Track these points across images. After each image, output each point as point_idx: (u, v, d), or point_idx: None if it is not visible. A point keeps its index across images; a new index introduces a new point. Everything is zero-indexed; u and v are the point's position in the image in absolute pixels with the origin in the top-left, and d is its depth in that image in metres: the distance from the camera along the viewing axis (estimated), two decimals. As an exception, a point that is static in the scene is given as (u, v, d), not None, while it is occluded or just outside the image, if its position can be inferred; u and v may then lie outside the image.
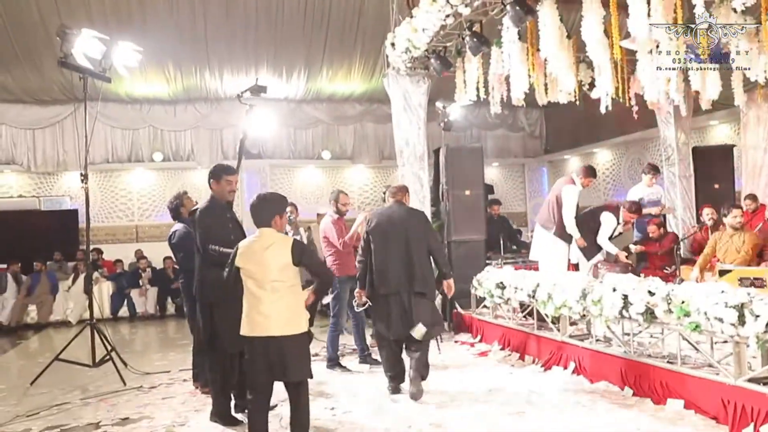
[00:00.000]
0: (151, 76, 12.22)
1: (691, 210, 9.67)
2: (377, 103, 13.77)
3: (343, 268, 6.59)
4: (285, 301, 3.83)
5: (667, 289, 4.67)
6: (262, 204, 4.00)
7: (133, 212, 13.68)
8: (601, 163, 14.13)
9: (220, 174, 4.96)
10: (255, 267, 3.86)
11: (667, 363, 4.82)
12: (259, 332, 3.82)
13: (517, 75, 7.11)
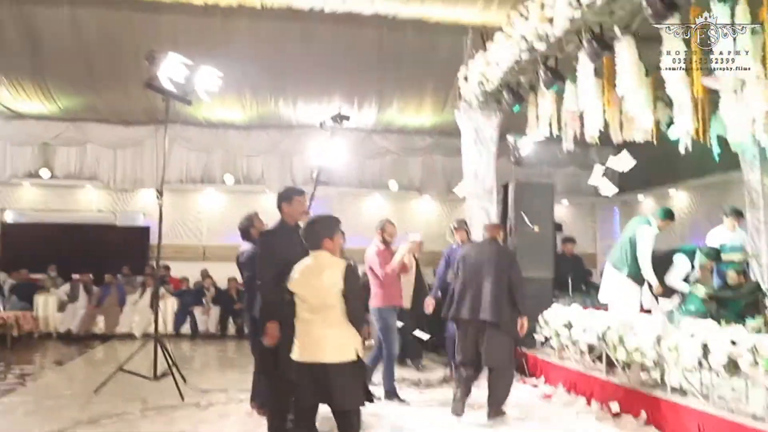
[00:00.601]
0: (229, 102, 12.55)
1: (780, 259, 9.10)
2: (447, 136, 13.67)
3: (388, 298, 6.48)
4: (336, 327, 3.69)
5: (754, 340, 4.35)
6: (312, 226, 3.92)
7: (202, 232, 13.96)
8: (677, 206, 13.56)
9: (292, 195, 4.99)
10: (307, 291, 3.75)
11: (753, 420, 4.46)
12: (307, 357, 3.70)
13: (592, 111, 6.93)
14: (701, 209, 12.95)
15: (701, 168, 11.52)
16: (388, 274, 6.45)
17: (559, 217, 12.64)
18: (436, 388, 7.19)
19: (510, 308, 5.65)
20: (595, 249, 15.26)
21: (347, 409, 3.74)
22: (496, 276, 5.65)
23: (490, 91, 8.23)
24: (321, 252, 3.81)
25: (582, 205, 15.54)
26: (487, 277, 5.67)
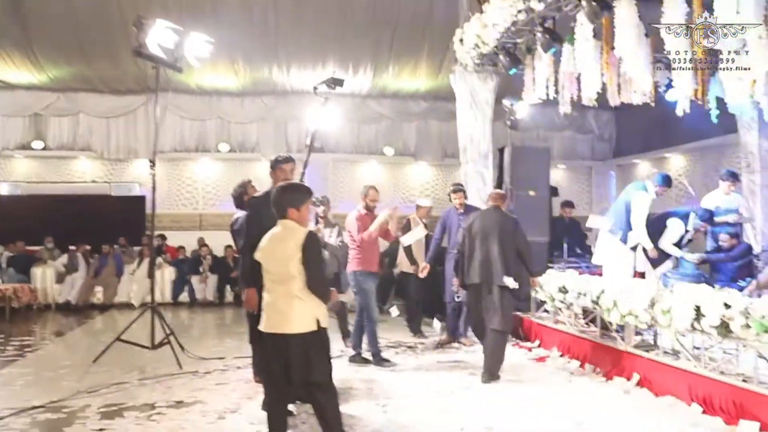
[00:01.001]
0: (221, 69, 12.41)
1: (773, 222, 9.13)
2: (442, 101, 13.59)
3: (365, 263, 6.50)
4: (298, 298, 3.55)
5: (746, 303, 4.38)
6: (279, 194, 3.74)
7: (198, 201, 13.94)
8: (674, 169, 13.54)
9: (278, 163, 5.03)
10: (270, 261, 3.65)
11: (742, 381, 4.53)
12: (271, 328, 3.61)
13: (590, 74, 6.87)
14: (698, 172, 12.91)
15: (698, 131, 11.45)
16: (364, 239, 6.45)
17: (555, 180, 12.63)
18: (432, 353, 7.25)
19: (516, 272, 5.95)
20: (590, 212, 15.24)
21: (313, 381, 3.62)
22: (503, 242, 5.95)
23: (486, 54, 8.15)
24: (286, 221, 3.67)
25: (578, 168, 15.50)
26: (494, 244, 5.95)
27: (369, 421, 4.66)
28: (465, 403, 5.13)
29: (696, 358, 5.01)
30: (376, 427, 4.50)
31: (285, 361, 3.56)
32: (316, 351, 3.58)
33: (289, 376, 3.58)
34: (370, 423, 4.60)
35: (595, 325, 6.42)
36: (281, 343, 3.56)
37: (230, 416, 4.83)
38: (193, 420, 4.72)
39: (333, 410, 3.70)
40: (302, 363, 3.54)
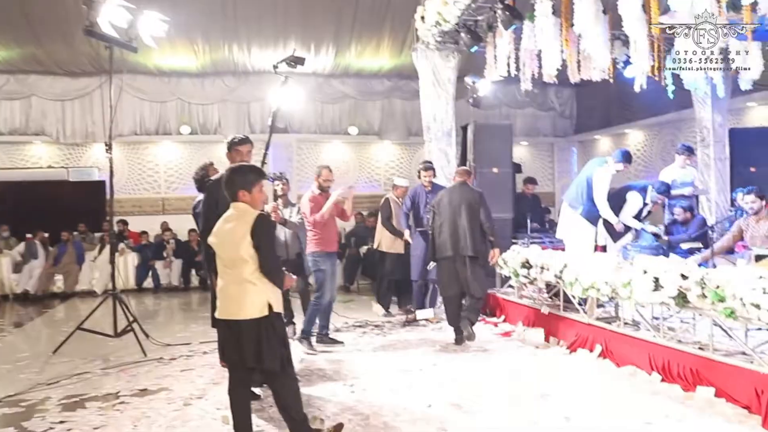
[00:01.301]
0: (179, 49, 12.14)
1: (726, 193, 9.37)
2: (405, 79, 13.57)
3: (322, 243, 6.46)
4: (249, 283, 3.47)
5: (702, 273, 4.48)
6: (229, 177, 3.63)
7: (160, 184, 13.70)
8: (633, 144, 13.77)
9: (230, 145, 4.93)
10: (221, 245, 3.57)
11: (698, 349, 4.65)
12: (225, 314, 3.54)
13: (550, 51, 6.89)
14: (655, 147, 13.15)
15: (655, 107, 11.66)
16: (317, 220, 6.39)
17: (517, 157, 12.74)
18: (399, 331, 7.29)
19: (483, 243, 6.42)
20: (553, 188, 15.45)
21: (265, 368, 3.54)
22: (470, 215, 6.37)
23: (448, 32, 8.11)
24: (237, 204, 3.57)
25: (540, 145, 15.65)
26: (462, 217, 6.38)
27: (337, 401, 4.67)
28: (432, 380, 5.17)
29: (655, 329, 5.13)
30: (344, 407, 4.51)
31: (239, 346, 3.51)
32: (268, 337, 3.50)
33: (244, 361, 3.52)
34: (338, 403, 4.61)
35: (558, 298, 6.51)
36: (234, 329, 3.51)
37: (196, 402, 4.79)
38: (158, 408, 4.66)
39: (289, 395, 3.66)
40: (254, 349, 3.48)
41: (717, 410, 4.18)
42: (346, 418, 4.25)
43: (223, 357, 3.73)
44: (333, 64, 13.09)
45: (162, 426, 4.28)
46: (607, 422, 4.05)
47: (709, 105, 9.32)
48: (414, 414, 4.33)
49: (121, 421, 4.38)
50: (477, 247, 6.36)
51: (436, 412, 4.35)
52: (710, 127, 9.37)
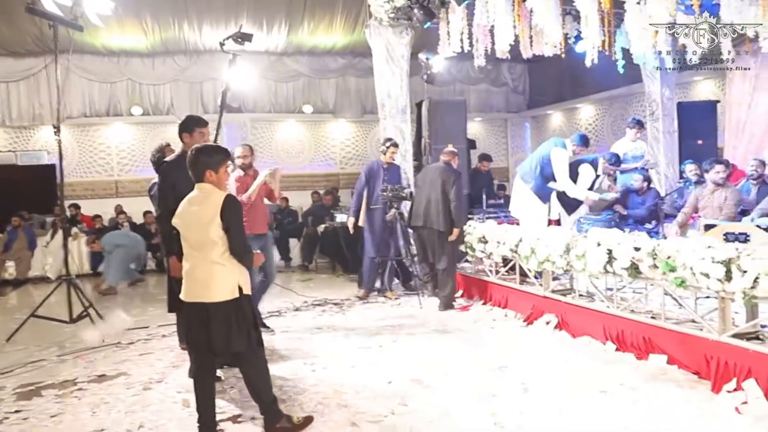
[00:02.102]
0: (128, 28, 11.75)
1: (674, 165, 9.56)
2: (359, 57, 13.42)
3: (250, 225, 6.24)
4: (217, 265, 3.40)
5: (653, 244, 4.55)
6: (195, 157, 3.51)
7: (113, 167, 13.32)
8: (584, 119, 13.95)
9: (192, 126, 4.70)
10: (187, 226, 3.47)
11: (651, 318, 4.74)
12: (191, 297, 3.46)
13: (502, 26, 6.86)
14: (606, 121, 13.32)
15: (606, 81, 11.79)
16: (244, 201, 6.13)
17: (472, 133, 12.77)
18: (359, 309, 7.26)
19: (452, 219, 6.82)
20: (507, 163, 15.57)
21: (235, 351, 3.48)
22: (443, 192, 6.78)
23: (400, 8, 8.00)
24: (203, 185, 3.47)
25: (494, 120, 15.71)
26: (436, 193, 6.83)
27: (297, 380, 4.62)
28: (392, 356, 5.15)
29: (609, 299, 5.20)
30: (305, 386, 4.46)
31: (207, 330, 3.42)
32: (237, 319, 3.43)
33: (212, 346, 3.44)
34: (299, 382, 4.56)
35: (515, 272, 6.56)
36: (202, 311, 3.42)
37: (156, 386, 4.68)
38: (117, 393, 4.54)
39: (260, 378, 3.61)
40: (223, 332, 3.41)
41: (669, 377, 4.27)
42: (308, 397, 4.22)
43: (188, 341, 3.62)
44: (286, 41, 12.84)
45: (121, 411, 4.16)
46: (563, 392, 4.10)
47: (658, 79, 9.46)
48: (375, 391, 4.31)
49: (79, 408, 4.25)
50: (446, 222, 6.76)
51: (397, 388, 4.34)
52: (659, 101, 9.52)
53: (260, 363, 3.63)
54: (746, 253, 3.88)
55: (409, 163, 8.60)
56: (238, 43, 5.44)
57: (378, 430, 3.63)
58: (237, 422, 3.88)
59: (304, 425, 3.70)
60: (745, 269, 3.78)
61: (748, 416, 3.55)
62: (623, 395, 4.00)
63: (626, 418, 3.62)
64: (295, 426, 3.65)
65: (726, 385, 3.89)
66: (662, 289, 4.63)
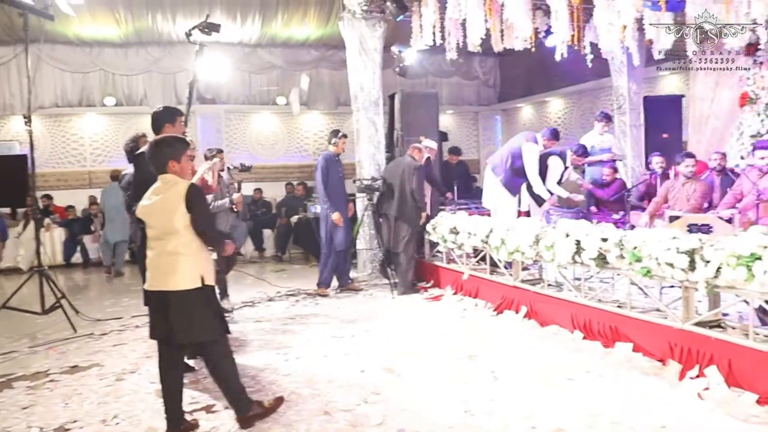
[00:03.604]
0: (100, 18, 11.45)
1: (641, 158, 9.67)
2: (333, 49, 13.30)
3: None
4: (181, 254, 3.34)
5: (620, 235, 4.58)
6: (155, 148, 3.47)
7: (85, 158, 13.03)
8: (554, 112, 14.03)
9: (175, 116, 4.60)
10: (152, 216, 3.41)
11: (617, 307, 4.78)
12: (155, 286, 3.39)
13: (474, 20, 6.85)
14: (575, 114, 13.41)
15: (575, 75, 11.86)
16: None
17: (444, 126, 12.77)
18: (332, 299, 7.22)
19: (411, 207, 7.21)
20: (478, 155, 15.59)
21: (197, 341, 3.43)
22: (401, 182, 7.23)
23: (374, 0, 7.93)
24: (166, 176, 3.42)
25: (466, 113, 15.71)
26: (396, 182, 7.28)
27: (270, 370, 4.57)
28: (365, 346, 5.14)
29: (577, 289, 5.24)
30: (278, 377, 4.42)
31: (167, 319, 3.36)
32: (200, 309, 3.37)
33: (172, 336, 3.37)
34: (272, 373, 4.52)
35: (485, 262, 6.57)
36: (164, 300, 3.36)
37: (129, 377, 4.61)
38: (89, 384, 4.46)
39: (225, 367, 3.54)
40: (184, 322, 3.34)
41: (634, 364, 4.31)
42: (281, 387, 4.18)
43: (151, 332, 3.55)
44: (260, 33, 12.65)
45: (94, 402, 4.09)
46: (532, 379, 4.12)
47: (625, 74, 9.54)
48: (347, 380, 4.28)
49: (51, 400, 4.16)
50: (401, 209, 7.25)
51: (370, 377, 4.32)
52: (626, 95, 9.61)
53: (226, 352, 3.57)
54: (709, 243, 3.93)
55: (382, 154, 8.55)
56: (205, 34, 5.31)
57: (350, 418, 3.61)
58: (211, 412, 3.83)
59: (276, 406, 3.67)
60: (708, 259, 3.82)
61: (710, 401, 3.60)
62: (590, 382, 4.03)
63: (593, 404, 3.65)
64: (267, 409, 3.62)
65: (689, 372, 3.94)
66: (628, 279, 4.68)
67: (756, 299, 3.74)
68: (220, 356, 3.53)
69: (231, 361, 3.58)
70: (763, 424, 3.28)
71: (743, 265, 3.57)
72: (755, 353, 3.64)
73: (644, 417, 3.43)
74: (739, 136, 8.99)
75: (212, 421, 3.68)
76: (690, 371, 3.94)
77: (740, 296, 3.86)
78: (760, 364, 3.60)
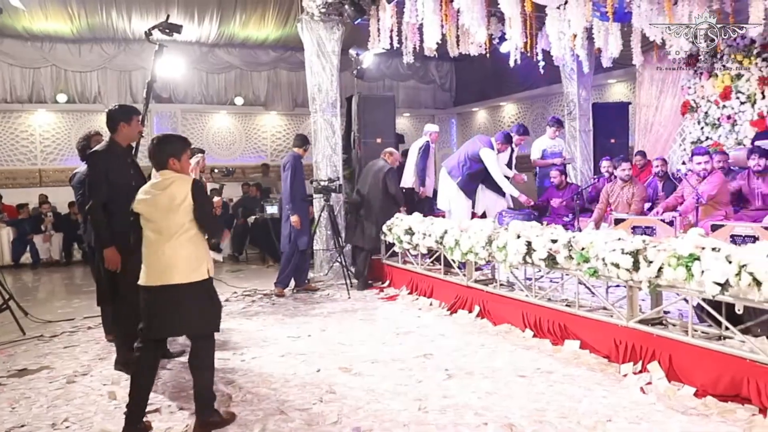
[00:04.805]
0: (52, 12, 11.16)
1: (590, 162, 9.91)
2: (291, 51, 13.25)
3: None
4: (186, 247, 3.40)
5: (569, 237, 4.70)
6: (159, 145, 3.54)
7: (36, 155, 12.66)
8: (507, 116, 14.26)
9: (131, 115, 4.52)
10: (153, 210, 3.43)
11: (566, 306, 4.90)
12: (156, 281, 3.38)
13: (430, 25, 6.91)
14: (528, 119, 13.66)
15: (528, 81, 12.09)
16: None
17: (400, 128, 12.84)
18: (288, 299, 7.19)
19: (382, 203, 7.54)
20: (434, 157, 15.71)
21: (199, 331, 3.49)
22: (373, 182, 7.61)
23: (332, 3, 7.93)
24: (166, 171, 3.49)
25: (422, 116, 15.84)
26: (367, 183, 7.66)
27: (227, 370, 4.53)
28: (321, 346, 5.13)
29: (528, 289, 5.34)
30: (235, 377, 4.39)
31: (178, 312, 3.39)
32: (206, 300, 3.47)
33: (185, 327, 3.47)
34: (228, 373, 4.48)
35: (440, 263, 6.64)
36: (172, 294, 3.37)
37: (81, 379, 4.49)
38: (38, 388, 4.33)
39: (210, 364, 3.56)
40: (196, 312, 3.43)
41: (582, 360, 4.43)
42: (237, 387, 4.15)
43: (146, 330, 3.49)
44: (217, 33, 12.52)
45: (43, 406, 3.97)
46: (485, 377, 4.19)
47: (575, 80, 9.77)
48: (304, 379, 4.28)
49: (-3, 405, 4.04)
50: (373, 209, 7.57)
51: (326, 377, 4.33)
52: (576, 101, 9.84)
53: (213, 351, 3.59)
54: (652, 245, 4.07)
55: (339, 156, 8.56)
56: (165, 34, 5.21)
57: (306, 417, 3.61)
58: (164, 413, 3.78)
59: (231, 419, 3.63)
60: (651, 260, 3.95)
61: (652, 395, 3.73)
62: (540, 379, 4.12)
63: (543, 400, 3.74)
64: (224, 420, 3.59)
65: (633, 367, 4.08)
66: (577, 279, 4.80)
67: (695, 297, 3.88)
68: (210, 352, 3.55)
69: (212, 360, 3.59)
70: (701, 416, 3.41)
71: (683, 265, 3.71)
72: (694, 349, 3.79)
73: (591, 411, 3.53)
74: (681, 143, 9.33)
75: (166, 422, 3.64)
76: (634, 366, 4.08)
77: (680, 295, 4.01)
78: (698, 359, 3.74)
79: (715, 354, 3.66)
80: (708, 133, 8.95)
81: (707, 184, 6.21)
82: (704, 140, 8.91)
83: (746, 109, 8.47)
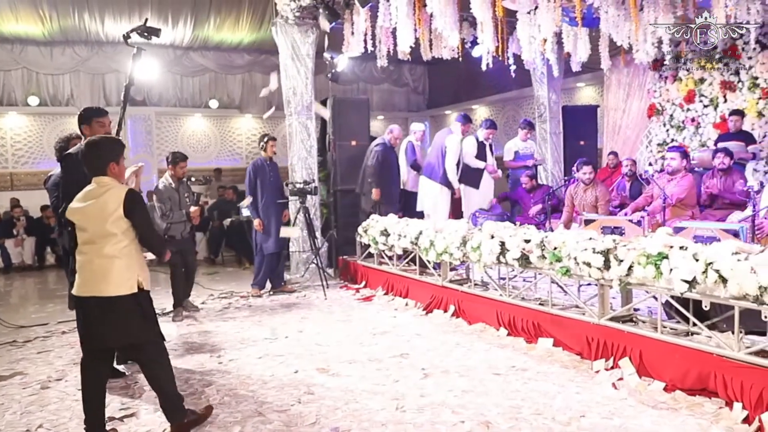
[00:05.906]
0: (23, 14, 10.91)
1: (560, 164, 10.03)
2: (266, 54, 13.16)
3: None
4: (117, 258, 3.22)
5: (542, 237, 4.74)
6: (92, 150, 3.33)
7: (7, 159, 12.37)
8: (480, 119, 14.31)
9: (91, 117, 4.44)
10: (86, 219, 3.27)
11: (539, 305, 4.94)
12: (87, 291, 3.25)
13: (404, 29, 6.92)
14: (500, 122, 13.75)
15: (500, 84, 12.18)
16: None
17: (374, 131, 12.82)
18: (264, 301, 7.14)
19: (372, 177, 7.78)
20: (407, 159, 15.75)
21: (135, 343, 3.32)
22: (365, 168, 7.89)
23: (306, 7, 7.90)
24: (102, 178, 3.28)
25: (395, 119, 15.81)
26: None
27: (204, 372, 4.48)
28: (298, 347, 5.11)
29: (502, 288, 5.38)
30: (212, 379, 4.34)
31: (103, 324, 3.24)
32: (138, 312, 3.28)
33: (109, 339, 3.28)
34: (206, 375, 4.43)
35: (415, 263, 6.65)
36: (99, 306, 3.22)
37: (55, 384, 4.40)
38: (11, 394, 4.23)
39: (160, 371, 3.42)
40: (121, 326, 3.24)
41: (555, 358, 4.47)
42: (215, 389, 4.10)
43: (81, 339, 3.40)
44: (191, 36, 12.38)
45: (17, 413, 3.88)
46: (461, 375, 4.20)
47: (545, 84, 9.88)
48: (281, 380, 4.25)
49: (-31, 412, 3.94)
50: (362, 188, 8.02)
51: (303, 378, 4.30)
52: (546, 104, 9.96)
53: (161, 356, 3.44)
54: (622, 244, 4.12)
55: (314, 158, 8.52)
56: (144, 38, 5.13)
57: (285, 419, 3.59)
58: (140, 417, 3.72)
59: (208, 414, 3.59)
60: (621, 259, 4.01)
61: (623, 390, 3.78)
62: (515, 376, 4.15)
63: (518, 397, 3.76)
64: (200, 416, 3.53)
65: (605, 364, 4.13)
66: (549, 278, 4.85)
67: (663, 295, 3.94)
68: (155, 359, 3.40)
69: (167, 365, 3.46)
70: (670, 410, 3.47)
71: (652, 264, 3.77)
72: (663, 345, 3.85)
73: (565, 407, 3.57)
74: (648, 144, 9.49)
75: (143, 426, 3.58)
76: (606, 363, 4.13)
77: (650, 292, 4.07)
78: (667, 354, 3.80)
79: (684, 349, 3.73)
80: (673, 135, 9.12)
81: (677, 187, 6.29)
82: (669, 142, 9.07)
83: (709, 112, 8.65)
